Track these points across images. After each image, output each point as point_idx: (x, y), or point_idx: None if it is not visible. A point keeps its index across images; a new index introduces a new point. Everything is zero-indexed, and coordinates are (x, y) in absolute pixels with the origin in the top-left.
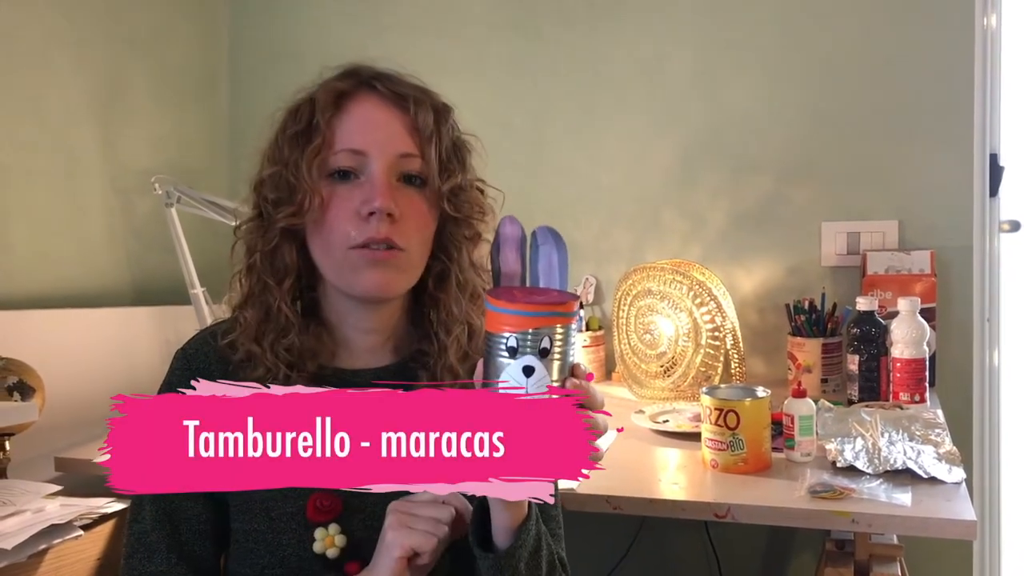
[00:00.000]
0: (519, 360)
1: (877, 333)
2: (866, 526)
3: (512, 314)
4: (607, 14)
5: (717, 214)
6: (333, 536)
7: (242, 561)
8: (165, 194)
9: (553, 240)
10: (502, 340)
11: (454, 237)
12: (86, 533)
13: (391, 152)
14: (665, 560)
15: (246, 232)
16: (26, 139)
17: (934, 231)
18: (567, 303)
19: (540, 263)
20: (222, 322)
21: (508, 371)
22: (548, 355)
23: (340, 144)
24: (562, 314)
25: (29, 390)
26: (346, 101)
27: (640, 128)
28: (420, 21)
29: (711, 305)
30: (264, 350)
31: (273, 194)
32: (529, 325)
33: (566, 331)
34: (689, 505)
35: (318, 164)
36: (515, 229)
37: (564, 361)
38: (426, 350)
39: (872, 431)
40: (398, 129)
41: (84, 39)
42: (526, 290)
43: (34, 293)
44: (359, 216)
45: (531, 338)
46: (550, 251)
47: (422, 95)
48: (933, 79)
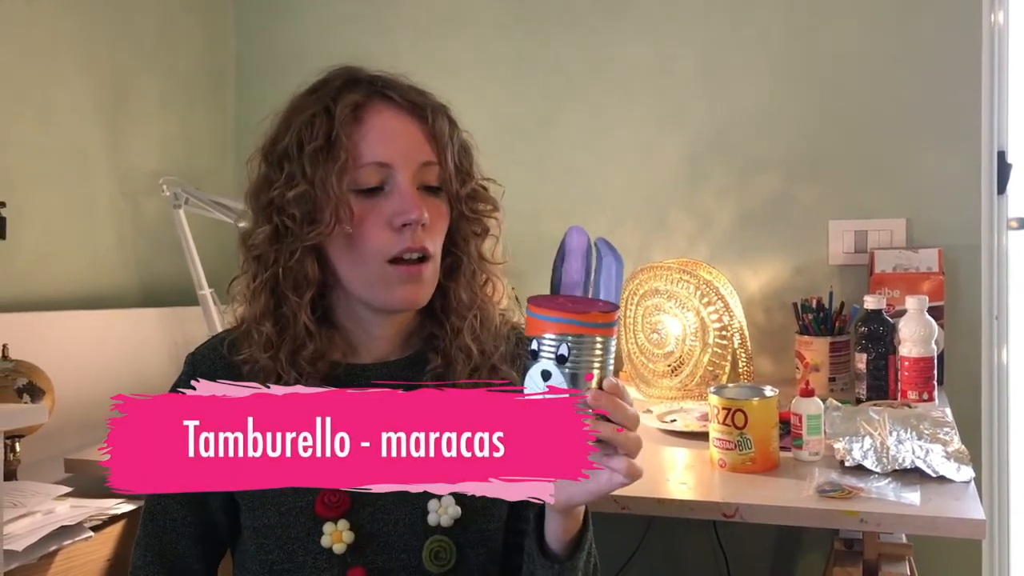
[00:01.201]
0: (538, 364)
1: (885, 331)
2: (875, 525)
3: (536, 318)
4: (613, 14)
5: (724, 213)
6: (341, 531)
7: (252, 558)
8: (173, 196)
9: (613, 253)
10: (528, 343)
11: (465, 233)
12: (96, 534)
13: (414, 162)
14: (674, 560)
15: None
16: (34, 141)
17: (942, 229)
18: (590, 313)
19: (603, 275)
20: (231, 330)
21: (530, 373)
22: (565, 362)
23: (364, 158)
24: (583, 323)
25: (38, 392)
26: (362, 112)
27: (647, 127)
28: (426, 22)
29: (718, 304)
30: (279, 362)
31: (298, 211)
32: (550, 330)
33: (589, 340)
34: (697, 505)
35: (347, 181)
36: (582, 240)
37: (580, 371)
38: (436, 333)
39: (880, 430)
40: (418, 138)
41: (91, 42)
42: (572, 298)
43: (43, 295)
44: (391, 227)
45: (550, 343)
46: (611, 263)
47: (432, 101)
48: (940, 77)
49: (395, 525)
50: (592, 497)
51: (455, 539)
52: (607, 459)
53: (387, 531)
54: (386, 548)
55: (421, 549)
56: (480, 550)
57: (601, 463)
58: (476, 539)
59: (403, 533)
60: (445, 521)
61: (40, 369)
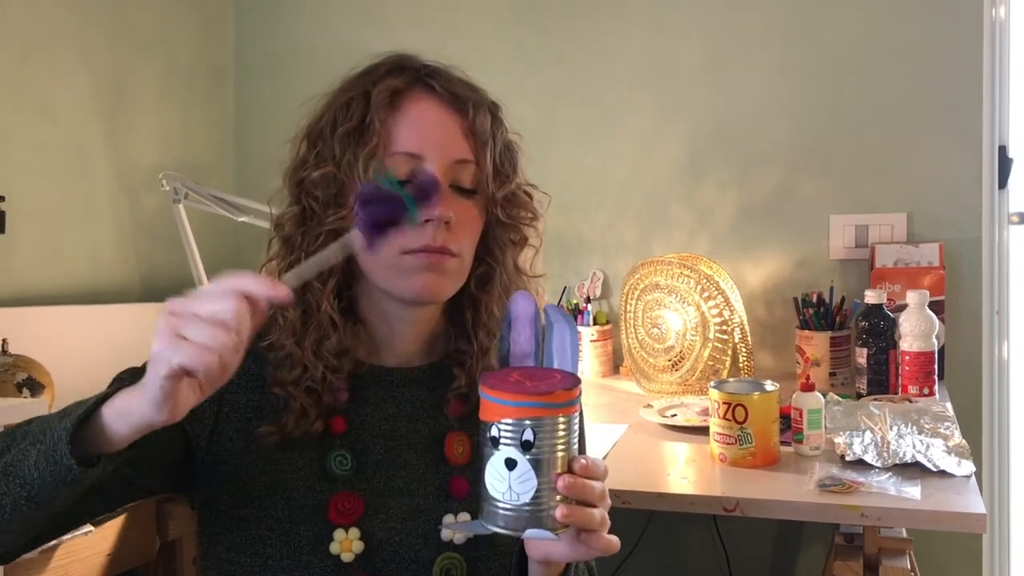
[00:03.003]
0: (500, 452)
1: (886, 326)
2: (875, 520)
3: (493, 402)
4: (614, 7)
5: (725, 207)
6: (351, 540)
7: (244, 551)
8: (173, 190)
9: (564, 319)
10: (485, 428)
11: (500, 241)
12: (96, 529)
13: (447, 157)
14: (674, 554)
15: (288, 228)
16: (34, 136)
17: (943, 224)
18: (554, 393)
19: (554, 343)
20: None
21: (492, 462)
22: (531, 448)
23: (396, 146)
24: (547, 404)
25: (38, 386)
26: (401, 100)
27: (648, 121)
28: (426, 15)
29: (719, 299)
30: (304, 351)
31: (322, 193)
32: (510, 415)
33: (552, 422)
34: (698, 499)
35: (374, 166)
36: (529, 307)
37: (552, 456)
38: (464, 349)
39: (881, 424)
40: (455, 132)
41: (90, 36)
42: (526, 372)
43: (43, 289)
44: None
45: (511, 429)
46: (563, 330)
47: (477, 96)
48: (942, 71)
49: (407, 535)
50: (569, 560)
51: (467, 555)
52: (587, 536)
53: (398, 541)
54: (395, 559)
55: (432, 564)
56: (492, 564)
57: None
58: (488, 553)
59: (415, 544)
60: (459, 539)
61: (40, 364)
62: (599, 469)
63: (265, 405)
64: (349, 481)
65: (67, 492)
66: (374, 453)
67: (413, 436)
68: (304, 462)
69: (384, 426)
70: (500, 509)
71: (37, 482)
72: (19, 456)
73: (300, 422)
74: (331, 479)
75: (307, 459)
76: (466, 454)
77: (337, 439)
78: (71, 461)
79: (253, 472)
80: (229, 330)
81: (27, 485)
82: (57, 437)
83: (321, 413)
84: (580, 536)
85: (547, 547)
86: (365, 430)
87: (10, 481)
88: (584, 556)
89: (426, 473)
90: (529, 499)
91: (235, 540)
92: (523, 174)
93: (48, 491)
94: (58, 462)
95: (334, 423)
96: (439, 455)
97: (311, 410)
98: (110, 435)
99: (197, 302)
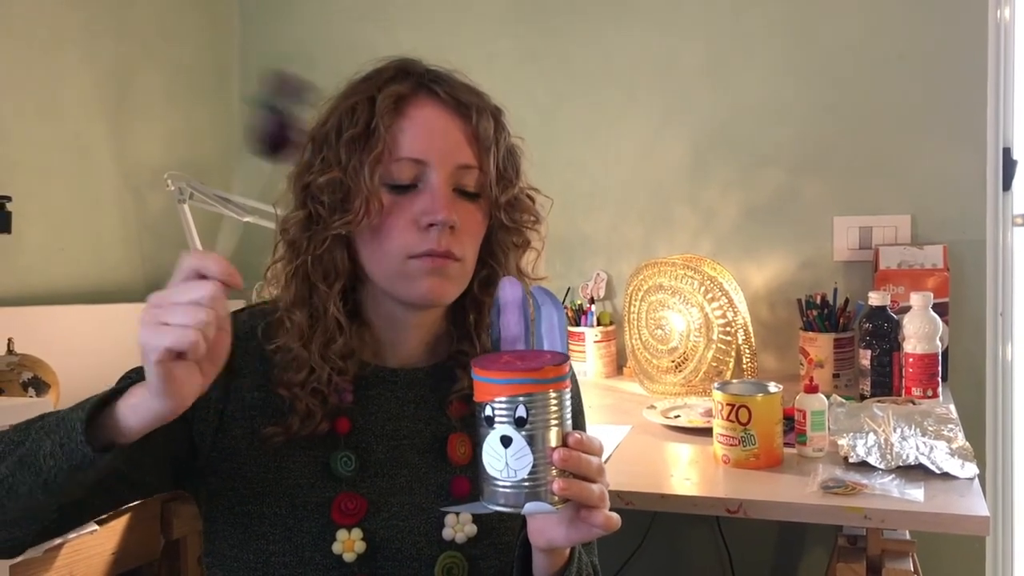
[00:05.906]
0: (496, 430)
1: (889, 328)
2: (879, 522)
3: (485, 382)
4: (617, 7)
5: (728, 209)
6: (354, 541)
7: (247, 547)
8: (178, 190)
9: (551, 300)
10: (480, 409)
11: (503, 244)
12: (101, 528)
13: (451, 162)
14: (677, 555)
15: (293, 231)
16: (38, 136)
17: (947, 225)
18: (543, 369)
19: (543, 325)
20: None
21: (488, 442)
22: (524, 424)
23: (401, 152)
24: (537, 380)
25: (44, 386)
26: (405, 105)
27: (651, 122)
28: (430, 16)
29: (722, 300)
30: (312, 353)
31: (328, 198)
32: (503, 393)
33: (544, 397)
34: (701, 500)
35: (381, 173)
36: (516, 292)
37: (546, 431)
38: (466, 351)
39: (884, 426)
40: (459, 138)
41: (95, 36)
42: (516, 354)
43: (48, 289)
44: (418, 226)
45: (505, 406)
46: (551, 312)
47: (480, 101)
48: (946, 73)
49: (409, 534)
50: (572, 543)
51: (468, 554)
52: (587, 513)
53: (400, 540)
54: (397, 557)
55: (433, 563)
56: (493, 562)
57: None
58: (490, 552)
59: (417, 542)
60: (460, 538)
61: (45, 363)
62: (594, 444)
63: (270, 405)
64: (352, 481)
65: (80, 478)
66: (377, 453)
67: (416, 436)
68: (308, 461)
69: (387, 426)
70: (499, 487)
71: (53, 469)
72: (34, 446)
73: (305, 423)
74: (335, 479)
75: (311, 458)
76: (468, 455)
77: (342, 439)
78: (86, 447)
79: (257, 469)
80: (204, 308)
81: (42, 472)
82: (71, 426)
83: (326, 414)
84: (580, 514)
85: (550, 532)
86: (369, 430)
87: (26, 469)
88: (586, 535)
89: (428, 473)
90: (526, 475)
91: (238, 536)
92: (525, 178)
93: (62, 476)
94: (73, 448)
95: (339, 423)
96: (441, 455)
97: (317, 411)
98: (123, 427)
99: (173, 292)
